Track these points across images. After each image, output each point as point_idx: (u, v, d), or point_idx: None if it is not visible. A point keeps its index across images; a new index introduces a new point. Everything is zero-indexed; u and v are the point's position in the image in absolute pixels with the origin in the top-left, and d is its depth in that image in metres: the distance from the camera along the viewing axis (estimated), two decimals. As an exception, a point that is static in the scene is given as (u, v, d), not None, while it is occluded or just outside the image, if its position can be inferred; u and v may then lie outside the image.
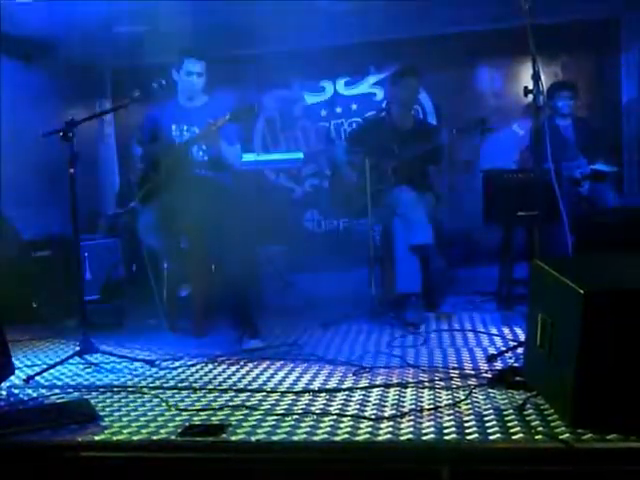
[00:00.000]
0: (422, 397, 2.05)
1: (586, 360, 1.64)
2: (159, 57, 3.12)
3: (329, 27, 4.33)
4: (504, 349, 2.55)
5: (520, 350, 2.42)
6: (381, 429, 1.78)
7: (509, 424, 1.76)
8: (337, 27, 4.38)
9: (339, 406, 2.00)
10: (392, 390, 2.14)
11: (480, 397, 2.02)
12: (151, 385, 2.37)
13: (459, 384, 2.17)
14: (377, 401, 2.03)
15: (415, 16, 4.46)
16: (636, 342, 1.64)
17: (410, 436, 1.72)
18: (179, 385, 2.35)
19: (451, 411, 1.90)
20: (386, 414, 1.90)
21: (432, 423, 1.80)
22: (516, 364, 2.33)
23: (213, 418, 1.96)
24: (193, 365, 2.64)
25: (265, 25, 4.12)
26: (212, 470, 1.74)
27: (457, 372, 2.31)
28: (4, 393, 2.34)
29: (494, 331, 2.96)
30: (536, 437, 1.67)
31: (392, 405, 1.98)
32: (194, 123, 3.11)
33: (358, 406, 1.99)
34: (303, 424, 1.85)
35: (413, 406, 1.96)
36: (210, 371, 2.54)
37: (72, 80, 4.85)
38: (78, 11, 3.90)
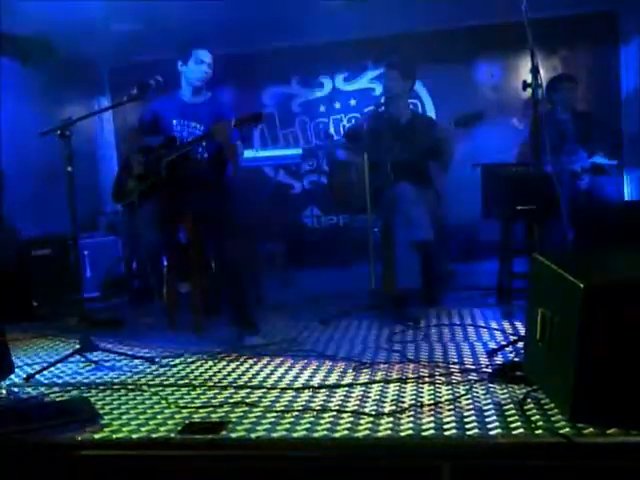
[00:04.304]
0: (422, 392, 2.04)
1: (586, 354, 1.63)
2: (157, 54, 3.11)
3: (328, 23, 4.32)
4: (504, 344, 2.55)
5: (520, 344, 2.41)
6: (381, 425, 1.78)
7: (509, 419, 1.76)
8: (336, 23, 4.37)
9: (339, 402, 2.00)
10: (392, 386, 2.13)
11: (480, 392, 2.01)
12: (151, 383, 2.36)
13: (459, 379, 2.16)
14: (377, 397, 2.03)
15: (413, 11, 4.44)
16: (636, 336, 1.63)
17: (410, 432, 1.72)
18: (179, 382, 2.35)
19: (451, 406, 1.89)
20: (386, 410, 1.89)
21: (432, 419, 1.80)
22: (516, 359, 2.33)
23: (213, 415, 1.96)
24: (193, 362, 2.63)
25: (264, 22, 4.11)
26: (212, 468, 1.73)
27: (457, 367, 2.31)
28: (4, 392, 2.34)
29: (494, 326, 2.95)
30: (536, 432, 1.66)
31: (392, 401, 1.98)
32: (197, 120, 3.10)
33: (358, 402, 1.99)
34: (303, 421, 1.85)
35: (413, 402, 1.95)
36: (210, 368, 2.54)
37: (70, 78, 4.84)
38: (76, 9, 3.89)
